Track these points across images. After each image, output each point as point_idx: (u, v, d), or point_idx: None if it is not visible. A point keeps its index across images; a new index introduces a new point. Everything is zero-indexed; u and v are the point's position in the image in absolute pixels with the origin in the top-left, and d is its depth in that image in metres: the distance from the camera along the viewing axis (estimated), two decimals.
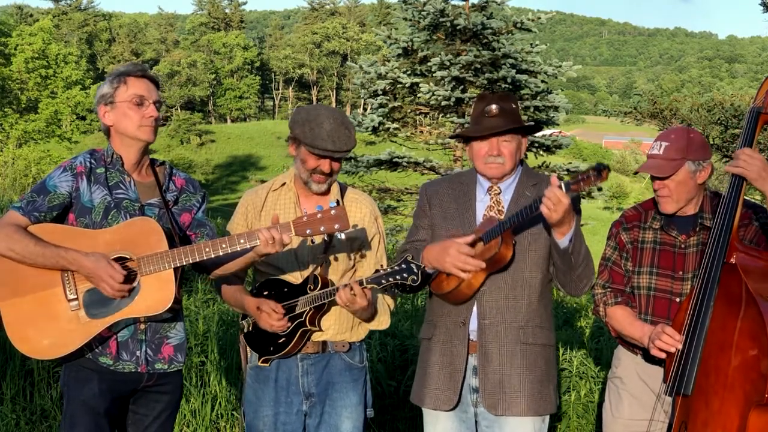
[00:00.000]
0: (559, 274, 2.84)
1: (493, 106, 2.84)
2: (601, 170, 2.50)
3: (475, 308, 2.86)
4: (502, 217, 2.85)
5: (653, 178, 2.85)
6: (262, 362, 2.97)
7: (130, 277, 2.61)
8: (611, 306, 2.93)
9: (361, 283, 2.74)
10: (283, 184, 3.01)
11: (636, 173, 3.01)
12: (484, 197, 2.94)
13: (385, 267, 2.74)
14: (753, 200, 2.92)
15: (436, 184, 3.10)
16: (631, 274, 2.95)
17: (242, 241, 2.62)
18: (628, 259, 2.96)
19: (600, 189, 2.98)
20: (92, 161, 2.75)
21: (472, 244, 2.74)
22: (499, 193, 2.93)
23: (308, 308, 2.85)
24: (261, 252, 2.65)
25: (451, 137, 3.27)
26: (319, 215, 2.62)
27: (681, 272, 2.85)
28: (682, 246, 2.86)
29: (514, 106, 2.88)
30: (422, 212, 3.05)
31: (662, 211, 2.87)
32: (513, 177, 2.96)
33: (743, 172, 2.57)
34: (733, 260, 2.58)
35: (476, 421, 2.93)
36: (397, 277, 2.67)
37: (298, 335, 2.88)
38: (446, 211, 2.97)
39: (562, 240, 2.70)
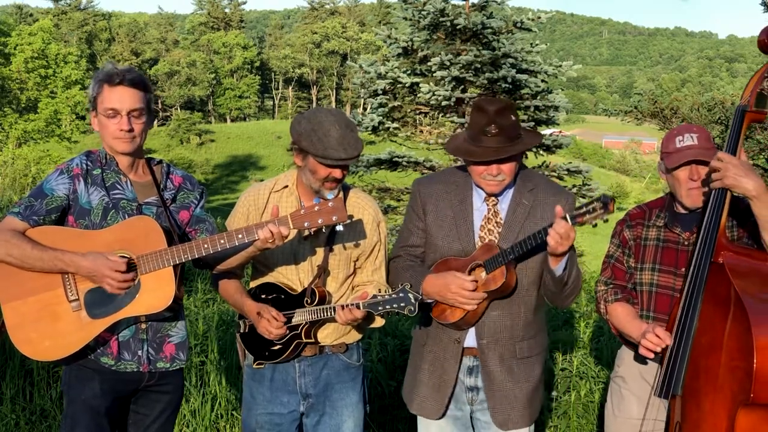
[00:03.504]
0: (548, 292, 2.84)
1: (492, 127, 2.70)
2: (607, 203, 2.46)
3: (472, 327, 2.85)
4: (500, 229, 2.82)
5: (696, 162, 2.75)
6: (256, 365, 2.98)
7: (130, 267, 2.61)
8: (611, 303, 2.94)
9: (357, 306, 2.75)
10: (286, 186, 2.98)
11: (676, 167, 2.76)
12: (481, 206, 2.87)
13: (383, 293, 2.74)
14: None
15: (430, 185, 2.97)
16: (634, 271, 2.95)
17: (240, 236, 2.62)
18: (631, 255, 2.96)
19: (606, 221, 2.90)
20: (88, 163, 2.75)
21: (473, 270, 2.74)
22: (496, 204, 2.86)
23: (304, 322, 2.86)
24: (260, 247, 2.65)
25: (445, 147, 3.05)
26: (316, 208, 2.61)
27: (683, 269, 2.84)
28: (685, 243, 2.86)
29: (513, 118, 2.74)
30: (416, 215, 2.97)
31: (692, 206, 2.81)
32: (510, 184, 2.87)
33: (720, 183, 2.56)
34: (720, 260, 2.58)
35: (472, 418, 2.93)
36: (395, 305, 2.69)
37: (293, 346, 2.89)
38: (442, 218, 2.89)
39: (557, 267, 2.67)
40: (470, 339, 2.85)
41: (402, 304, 2.67)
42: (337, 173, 2.80)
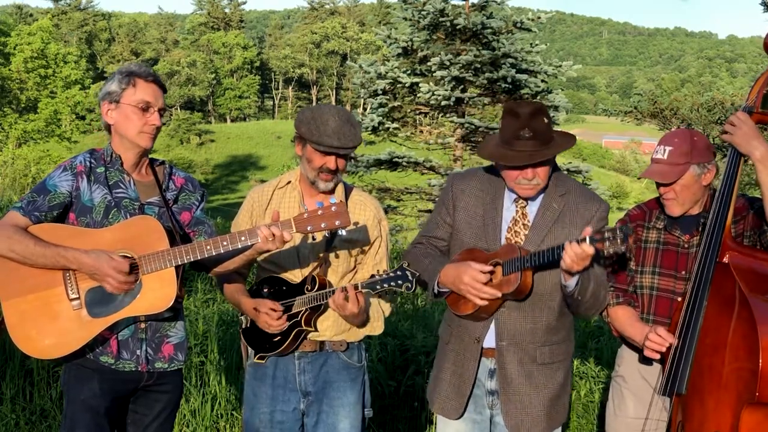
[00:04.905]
0: (567, 304, 2.80)
1: (526, 131, 2.64)
2: (627, 236, 2.42)
3: (492, 326, 2.81)
4: (527, 231, 2.76)
5: (658, 183, 2.84)
6: (258, 359, 2.99)
7: (133, 269, 2.60)
8: (613, 306, 2.93)
9: (356, 286, 2.75)
10: (289, 182, 3.02)
11: (639, 178, 2.98)
12: (511, 206, 2.82)
13: (381, 272, 2.75)
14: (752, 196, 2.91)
15: (465, 181, 2.92)
16: (634, 274, 2.95)
17: (243, 238, 2.62)
18: (631, 258, 2.95)
19: (625, 253, 2.91)
20: (92, 161, 2.75)
21: (494, 267, 2.70)
22: (525, 206, 2.81)
23: (304, 308, 2.86)
24: (260, 249, 2.65)
25: (478, 152, 3.07)
26: (319, 212, 2.61)
27: (683, 272, 2.84)
28: (685, 246, 2.86)
29: (546, 121, 2.69)
30: (445, 208, 2.93)
31: (669, 214, 2.87)
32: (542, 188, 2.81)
33: (729, 137, 2.62)
34: (725, 260, 2.59)
35: (492, 422, 2.91)
36: (392, 283, 2.70)
37: (293, 335, 2.89)
38: (471, 216, 2.85)
39: (569, 282, 2.64)
40: (490, 339, 2.82)
41: (399, 282, 2.68)
42: (330, 163, 2.83)
